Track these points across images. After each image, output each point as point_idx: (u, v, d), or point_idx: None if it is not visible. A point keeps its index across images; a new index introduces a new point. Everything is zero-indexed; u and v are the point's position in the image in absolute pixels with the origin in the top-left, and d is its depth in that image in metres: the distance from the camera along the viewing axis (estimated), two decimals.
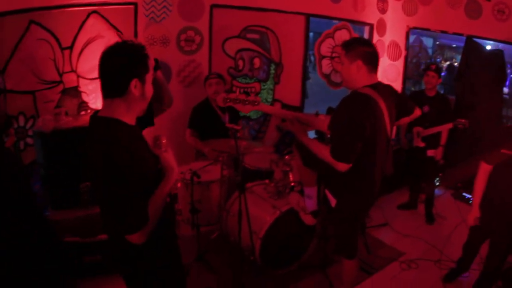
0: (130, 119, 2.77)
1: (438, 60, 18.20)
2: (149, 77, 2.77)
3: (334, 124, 3.97)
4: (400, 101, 4.28)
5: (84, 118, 5.93)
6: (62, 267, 3.49)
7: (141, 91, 2.71)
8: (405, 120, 4.62)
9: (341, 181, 4.11)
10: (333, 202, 4.27)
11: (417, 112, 4.52)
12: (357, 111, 3.80)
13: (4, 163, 2.81)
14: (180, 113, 6.99)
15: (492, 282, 4.97)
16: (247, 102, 4.09)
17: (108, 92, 2.69)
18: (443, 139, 6.91)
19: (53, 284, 3.39)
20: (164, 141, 3.01)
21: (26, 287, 3.24)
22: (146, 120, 3.14)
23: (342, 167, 3.82)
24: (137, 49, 2.69)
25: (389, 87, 4.21)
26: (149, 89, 2.80)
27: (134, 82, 2.63)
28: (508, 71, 16.19)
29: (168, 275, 3.03)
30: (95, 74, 6.19)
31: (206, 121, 6.57)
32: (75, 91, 6.26)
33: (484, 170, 4.75)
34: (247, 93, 4.25)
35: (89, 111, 6.33)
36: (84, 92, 6.32)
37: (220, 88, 6.52)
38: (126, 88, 2.63)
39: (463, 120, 6.45)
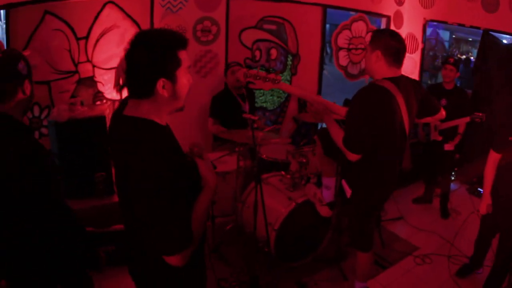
0: (160, 119, 2.39)
1: (455, 53, 18.15)
2: (182, 72, 2.33)
3: (348, 114, 3.96)
4: (425, 100, 4.24)
5: (100, 108, 5.93)
6: (76, 263, 3.47)
7: (172, 91, 2.31)
8: (428, 119, 4.60)
9: (357, 172, 4.14)
10: (348, 193, 4.27)
11: (442, 114, 4.49)
12: (370, 103, 3.81)
13: (7, 161, 2.76)
14: (196, 103, 7.01)
15: (501, 278, 4.95)
16: (267, 79, 4.06)
17: (132, 92, 2.36)
18: (461, 129, 6.87)
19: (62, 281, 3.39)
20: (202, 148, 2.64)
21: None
22: None
23: (352, 157, 3.86)
24: (162, 40, 2.25)
25: (414, 82, 4.17)
26: (183, 86, 2.37)
27: (161, 83, 2.25)
28: None
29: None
30: (111, 64, 6.22)
31: (227, 110, 6.57)
32: (90, 81, 6.26)
33: (493, 158, 4.82)
34: (268, 71, 4.21)
35: (104, 101, 6.34)
36: (100, 82, 6.33)
37: None
38: (152, 90, 2.27)
39: (480, 114, 6.40)
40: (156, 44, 2.23)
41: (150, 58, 2.21)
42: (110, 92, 6.43)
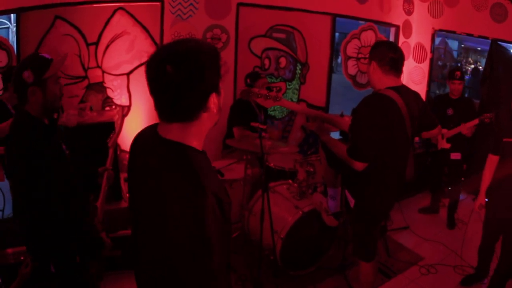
0: (200, 141, 2.09)
1: (463, 63, 18.16)
2: (222, 84, 2.05)
3: (353, 123, 4.01)
4: (423, 113, 4.26)
5: (109, 114, 5.97)
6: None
7: (219, 105, 2.04)
8: (424, 134, 4.63)
9: (360, 182, 4.15)
10: (352, 202, 4.30)
11: (439, 129, 4.52)
12: (375, 111, 3.86)
13: (19, 148, 3.04)
14: None
15: (504, 282, 4.98)
16: (269, 97, 4.09)
17: (176, 116, 1.98)
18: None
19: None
20: None
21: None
22: None
23: (358, 165, 3.87)
24: (206, 51, 1.96)
25: (414, 93, 4.20)
26: (222, 97, 2.09)
27: (213, 98, 1.97)
28: None
29: None
30: (121, 70, 6.24)
31: (244, 118, 6.45)
32: (100, 87, 6.31)
33: (491, 160, 4.99)
34: (269, 89, 4.28)
35: (113, 106, 6.38)
36: (109, 88, 6.37)
37: None
38: (203, 108, 1.97)
39: (488, 114, 6.41)
40: (202, 55, 1.93)
41: (202, 72, 1.91)
42: (119, 98, 6.47)
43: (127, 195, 5.57)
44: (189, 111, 1.97)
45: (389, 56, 3.89)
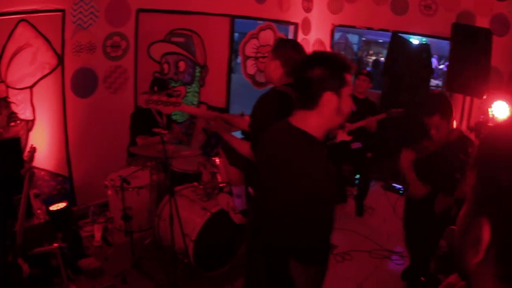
0: (320, 133, 2.63)
1: (364, 56, 18.52)
2: (346, 91, 2.57)
3: (252, 120, 4.08)
4: None
5: (14, 130, 5.90)
6: None
7: (337, 104, 2.55)
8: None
9: None
10: None
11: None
12: (269, 106, 3.94)
13: None
14: (107, 118, 7.00)
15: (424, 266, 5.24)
16: (169, 103, 4.17)
17: (301, 102, 2.65)
18: (373, 128, 7.07)
19: None
20: None
21: None
22: None
23: None
24: (334, 60, 2.56)
25: None
26: (346, 104, 2.60)
27: (328, 96, 2.50)
28: (435, 63, 16.54)
29: None
30: (24, 83, 6.16)
31: (146, 126, 6.38)
32: (4, 102, 6.20)
33: (405, 155, 5.13)
34: (170, 95, 4.36)
35: (18, 122, 6.30)
36: (14, 103, 6.26)
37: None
38: (317, 101, 2.53)
39: (395, 110, 6.64)
40: (327, 61, 2.56)
41: (320, 72, 2.51)
42: (24, 113, 6.39)
43: (38, 211, 5.54)
44: (307, 100, 2.58)
45: (295, 58, 3.94)
